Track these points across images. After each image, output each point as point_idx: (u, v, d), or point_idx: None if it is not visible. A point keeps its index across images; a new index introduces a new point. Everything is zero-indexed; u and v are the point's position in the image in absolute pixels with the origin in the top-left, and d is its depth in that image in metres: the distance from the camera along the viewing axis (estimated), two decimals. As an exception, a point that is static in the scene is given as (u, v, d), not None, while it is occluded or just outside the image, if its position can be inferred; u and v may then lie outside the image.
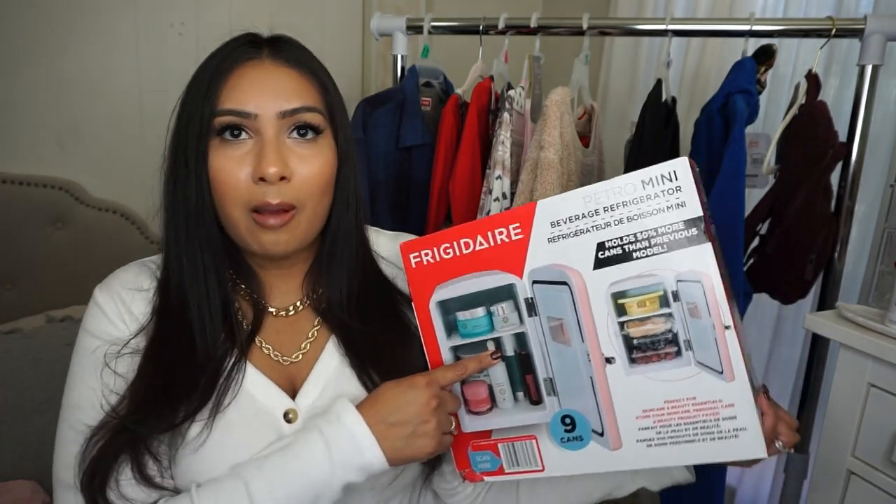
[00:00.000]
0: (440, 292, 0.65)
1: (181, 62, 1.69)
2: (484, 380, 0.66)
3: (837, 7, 1.48)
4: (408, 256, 0.66)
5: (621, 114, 1.93)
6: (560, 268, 0.60)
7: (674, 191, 0.56)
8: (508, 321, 0.63)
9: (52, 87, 1.58)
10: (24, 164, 1.56)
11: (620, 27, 1.32)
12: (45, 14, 1.54)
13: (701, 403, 0.58)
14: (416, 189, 1.38)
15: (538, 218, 0.60)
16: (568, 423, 0.64)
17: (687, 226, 0.56)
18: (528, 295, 0.62)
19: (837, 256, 1.18)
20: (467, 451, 0.69)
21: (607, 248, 0.58)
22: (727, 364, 0.57)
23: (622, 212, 0.57)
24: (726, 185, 1.02)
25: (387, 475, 0.67)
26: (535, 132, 1.14)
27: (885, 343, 0.85)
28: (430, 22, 1.38)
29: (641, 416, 0.60)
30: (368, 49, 2.03)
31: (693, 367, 0.58)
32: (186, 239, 0.67)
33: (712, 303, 0.56)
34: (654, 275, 0.57)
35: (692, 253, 0.56)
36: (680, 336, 0.58)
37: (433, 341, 0.67)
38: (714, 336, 0.57)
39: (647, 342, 0.59)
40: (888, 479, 0.87)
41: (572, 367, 0.62)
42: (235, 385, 0.66)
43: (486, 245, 0.62)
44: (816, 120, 1.13)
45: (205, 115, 0.64)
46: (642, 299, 0.58)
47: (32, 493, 1.23)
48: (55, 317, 1.44)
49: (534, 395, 0.64)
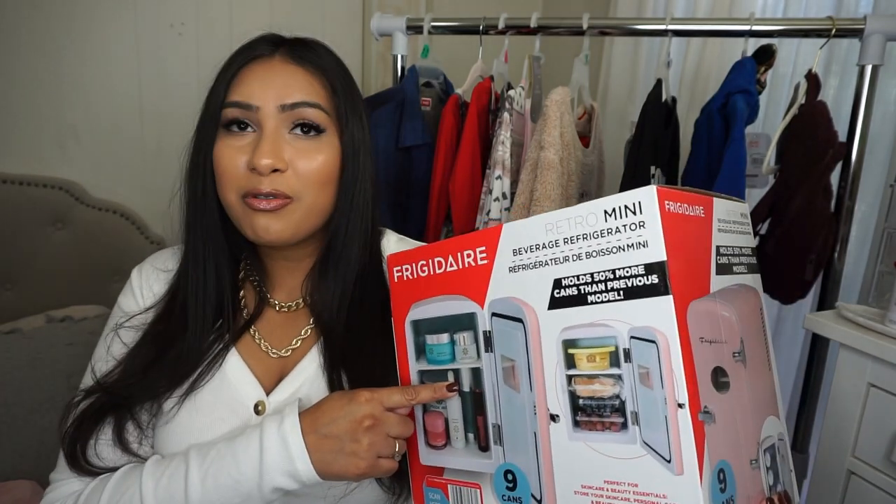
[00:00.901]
0: (414, 311, 0.61)
1: (181, 62, 1.69)
2: (442, 412, 0.60)
3: (837, 7, 1.48)
4: (392, 269, 0.63)
5: (621, 114, 1.93)
6: (517, 302, 0.53)
7: (636, 226, 0.46)
8: (468, 353, 0.57)
9: (52, 87, 1.58)
10: (25, 164, 1.57)
11: (620, 27, 1.32)
12: (45, 14, 1.54)
13: (643, 494, 0.46)
14: (416, 189, 1.38)
15: (502, 243, 0.53)
16: (510, 480, 0.56)
17: (647, 271, 0.45)
18: (487, 327, 0.55)
19: (837, 256, 1.18)
20: (422, 485, 0.62)
21: (563, 286, 0.50)
22: (676, 452, 0.44)
23: (581, 245, 0.49)
24: (726, 185, 1.02)
25: (337, 487, 0.65)
26: (535, 132, 1.14)
27: (885, 343, 0.85)
28: (430, 22, 1.38)
29: (580, 491, 0.50)
30: (368, 49, 2.03)
31: (638, 446, 0.47)
32: (194, 227, 0.71)
33: (666, 371, 0.44)
34: (608, 325, 0.47)
35: (650, 305, 0.45)
36: (627, 406, 0.47)
37: (405, 361, 0.63)
38: (665, 413, 0.45)
39: (592, 405, 0.49)
40: (888, 479, 0.87)
41: (519, 416, 0.54)
42: (215, 368, 0.69)
43: (455, 267, 0.57)
44: (816, 120, 1.13)
45: (215, 107, 0.67)
46: (592, 353, 0.49)
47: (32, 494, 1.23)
48: (55, 317, 1.44)
49: (482, 441, 0.57)
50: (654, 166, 1.16)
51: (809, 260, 1.17)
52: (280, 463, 0.59)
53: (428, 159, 1.34)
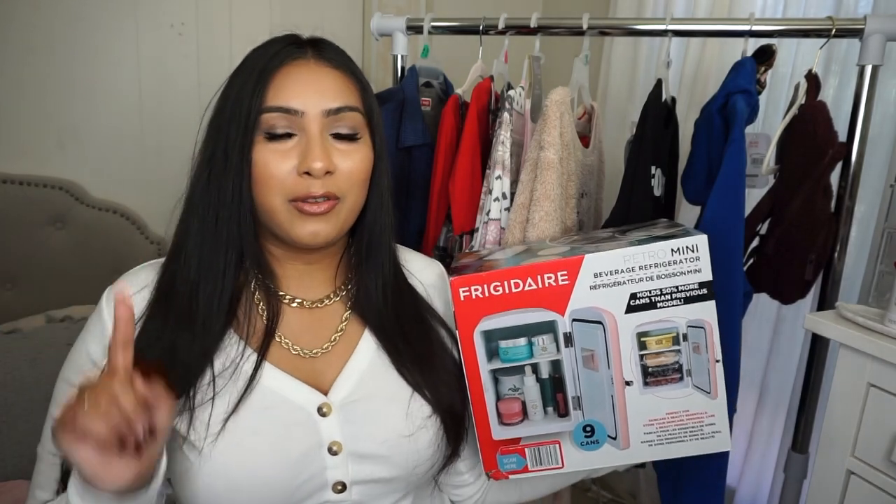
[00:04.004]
0: (486, 323, 0.74)
1: (181, 62, 1.69)
2: (518, 397, 0.76)
3: (837, 7, 1.48)
4: (457, 290, 0.73)
5: (621, 114, 1.93)
6: (598, 310, 0.73)
7: (694, 259, 0.72)
8: (547, 350, 0.75)
9: (52, 87, 1.58)
10: (25, 164, 1.57)
11: (620, 27, 1.32)
12: (45, 14, 1.54)
13: (692, 414, 0.76)
14: (416, 189, 1.37)
15: (584, 269, 0.72)
16: (588, 431, 0.78)
17: (700, 286, 0.72)
18: (567, 330, 0.74)
19: (837, 256, 1.18)
20: (496, 455, 0.79)
21: (638, 297, 0.73)
22: (714, 386, 0.76)
23: (654, 271, 0.72)
24: (726, 185, 1.02)
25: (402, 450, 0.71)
26: (535, 132, 1.14)
27: (885, 343, 0.86)
28: (430, 22, 1.38)
29: (647, 423, 0.77)
30: (368, 49, 2.03)
31: (690, 388, 0.76)
32: (214, 232, 0.68)
33: (710, 343, 0.74)
34: (671, 320, 0.73)
35: (702, 307, 0.73)
36: (684, 366, 0.75)
37: (474, 365, 0.75)
38: (708, 367, 0.75)
39: (659, 370, 0.75)
40: (888, 479, 0.87)
41: (598, 387, 0.76)
42: (255, 383, 0.67)
43: (534, 286, 0.73)
44: (816, 120, 1.13)
45: (252, 111, 0.65)
46: (660, 338, 0.74)
47: (32, 493, 1.22)
48: (55, 317, 1.44)
49: (562, 410, 0.77)
50: (654, 166, 1.16)
51: (809, 260, 1.16)
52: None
53: (428, 159, 1.34)
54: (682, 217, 1.56)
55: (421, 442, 0.71)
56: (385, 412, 0.71)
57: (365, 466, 0.69)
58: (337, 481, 0.68)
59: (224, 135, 0.66)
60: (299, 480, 0.66)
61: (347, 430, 0.69)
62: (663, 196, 1.23)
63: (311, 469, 0.67)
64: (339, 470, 0.68)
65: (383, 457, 0.70)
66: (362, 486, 0.69)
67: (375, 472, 0.70)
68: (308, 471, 0.67)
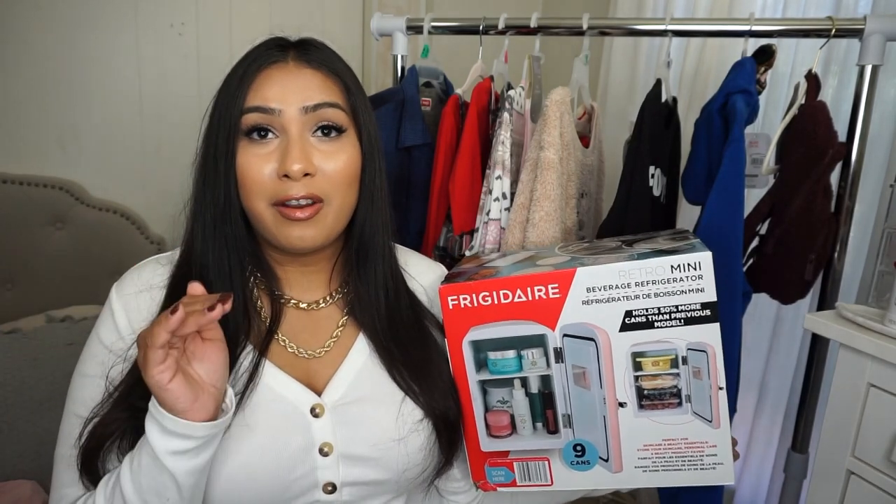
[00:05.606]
0: (474, 333, 0.72)
1: (181, 62, 1.69)
2: (507, 410, 0.74)
3: (836, 7, 1.48)
4: (446, 298, 0.71)
5: (621, 114, 1.93)
6: (590, 326, 0.69)
7: (696, 278, 0.66)
8: (536, 364, 0.72)
9: (52, 87, 1.58)
10: (25, 164, 1.57)
11: (620, 27, 1.32)
12: (46, 15, 1.54)
13: (692, 443, 0.72)
14: (416, 189, 1.37)
15: (576, 282, 0.68)
16: (578, 450, 0.74)
17: (703, 307, 0.67)
18: (558, 345, 0.71)
19: (837, 256, 1.18)
20: (484, 466, 0.77)
21: (634, 315, 0.68)
22: (716, 416, 0.71)
23: (651, 288, 0.67)
24: (726, 185, 1.02)
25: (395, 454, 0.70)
26: (535, 132, 1.14)
27: (885, 343, 0.86)
28: (430, 22, 1.38)
29: (642, 448, 0.73)
30: (368, 49, 2.03)
31: (689, 415, 0.71)
32: (214, 236, 0.69)
33: (713, 369, 0.69)
34: (670, 342, 0.68)
35: (704, 329, 0.67)
36: (683, 391, 0.70)
37: (463, 373, 0.74)
38: (710, 394, 0.70)
39: (655, 393, 0.71)
40: (888, 479, 0.87)
41: (589, 407, 0.72)
42: (256, 380, 0.67)
43: (524, 298, 0.70)
44: (816, 120, 1.13)
45: (233, 114, 0.66)
46: (657, 360, 0.70)
47: (32, 493, 1.23)
48: (55, 317, 1.44)
49: (552, 427, 0.74)
50: (653, 166, 1.16)
51: (809, 260, 1.16)
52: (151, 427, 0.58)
53: (428, 159, 1.34)
54: (682, 217, 1.56)
55: (412, 446, 0.71)
56: (376, 415, 0.71)
57: (355, 468, 0.69)
58: (327, 482, 0.68)
59: (213, 140, 0.68)
60: (290, 479, 0.66)
61: (339, 432, 0.69)
62: (663, 196, 1.23)
63: (301, 468, 0.67)
64: (329, 471, 0.68)
65: (374, 459, 0.70)
66: (352, 488, 0.70)
67: (366, 475, 0.70)
68: (299, 470, 0.67)
